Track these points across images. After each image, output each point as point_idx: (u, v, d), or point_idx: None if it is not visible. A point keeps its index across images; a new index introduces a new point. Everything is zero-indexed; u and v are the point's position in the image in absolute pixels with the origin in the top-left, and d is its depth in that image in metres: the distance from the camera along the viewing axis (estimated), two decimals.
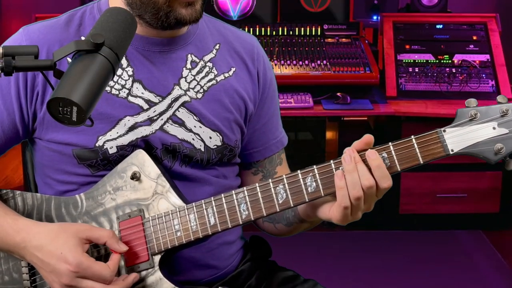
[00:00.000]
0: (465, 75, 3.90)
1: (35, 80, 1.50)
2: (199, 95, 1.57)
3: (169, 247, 1.46)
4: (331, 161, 1.37)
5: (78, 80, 1.13)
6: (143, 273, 1.47)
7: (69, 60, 1.51)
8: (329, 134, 4.27)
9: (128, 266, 1.47)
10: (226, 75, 1.61)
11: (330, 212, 1.39)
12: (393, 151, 1.33)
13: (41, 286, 1.51)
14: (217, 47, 1.62)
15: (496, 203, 3.95)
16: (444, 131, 1.32)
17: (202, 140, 1.56)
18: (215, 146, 1.57)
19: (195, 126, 1.55)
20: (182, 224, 1.45)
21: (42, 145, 1.56)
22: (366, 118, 4.11)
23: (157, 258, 1.47)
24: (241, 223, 1.43)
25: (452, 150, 1.32)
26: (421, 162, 1.32)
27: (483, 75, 3.90)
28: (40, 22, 1.57)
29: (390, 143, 1.34)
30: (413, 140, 1.33)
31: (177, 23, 1.48)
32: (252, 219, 1.42)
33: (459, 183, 3.92)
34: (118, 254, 1.43)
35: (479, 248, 3.88)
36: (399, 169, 1.34)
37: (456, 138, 1.31)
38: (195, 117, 1.55)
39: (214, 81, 1.59)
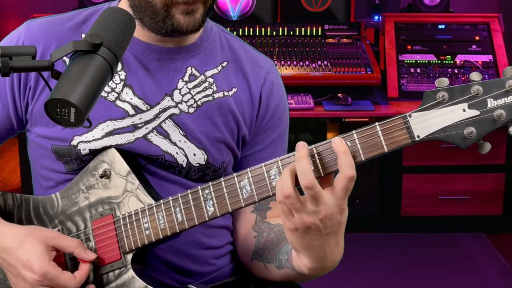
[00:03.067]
0: (467, 75, 3.87)
1: (28, 74, 1.51)
2: (191, 110, 1.53)
3: (139, 245, 1.44)
4: (294, 153, 1.27)
5: (76, 81, 1.11)
6: (116, 272, 1.46)
7: (65, 58, 1.50)
8: (330, 136, 4.23)
9: (101, 265, 1.46)
10: (226, 93, 1.56)
11: (295, 257, 1.35)
12: (356, 140, 1.23)
13: None
14: (224, 64, 1.58)
15: (499, 205, 3.94)
16: (410, 116, 1.20)
17: (186, 156, 1.52)
18: (198, 164, 1.53)
19: (179, 140, 1.52)
20: (151, 222, 1.43)
21: (31, 139, 1.57)
22: (367, 119, 4.08)
23: (129, 257, 1.45)
24: (207, 219, 1.38)
25: (418, 137, 1.20)
26: (386, 151, 1.22)
27: (486, 76, 3.87)
28: (44, 17, 1.56)
29: (353, 131, 1.24)
30: (377, 127, 1.22)
31: (174, 31, 1.44)
32: (218, 215, 1.36)
33: (461, 185, 3.91)
34: (87, 264, 1.43)
35: (481, 250, 3.86)
36: (363, 159, 1.23)
37: (423, 124, 1.20)
38: (181, 131, 1.52)
39: (210, 98, 1.54)
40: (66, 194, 1.52)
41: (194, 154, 1.52)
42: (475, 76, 1.20)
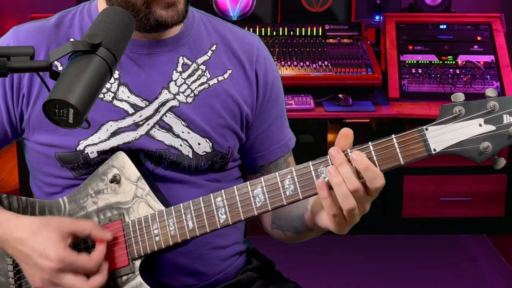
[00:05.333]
0: (469, 76, 3.85)
1: (20, 82, 1.51)
2: (189, 99, 1.53)
3: (148, 252, 1.44)
4: (310, 163, 1.31)
5: (74, 81, 1.11)
6: (124, 278, 1.46)
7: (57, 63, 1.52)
8: (330, 137, 4.23)
9: (109, 271, 1.45)
10: (220, 78, 1.56)
11: (325, 221, 1.34)
12: (373, 152, 1.25)
13: None
14: (213, 48, 1.58)
15: (501, 206, 3.92)
16: (427, 129, 1.23)
17: (190, 146, 1.52)
18: (204, 153, 1.54)
19: (183, 132, 1.52)
20: (161, 229, 1.43)
21: (30, 147, 1.56)
22: (368, 120, 4.07)
23: (137, 263, 1.45)
24: (219, 227, 1.39)
25: (435, 150, 1.23)
26: (402, 163, 1.24)
27: (488, 76, 3.84)
28: (30, 22, 1.57)
29: (370, 143, 1.26)
30: (394, 139, 1.25)
31: (159, 26, 1.45)
32: (231, 223, 1.38)
33: (463, 187, 3.89)
34: (103, 244, 1.41)
35: (483, 252, 3.85)
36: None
37: (439, 137, 1.23)
38: (183, 122, 1.52)
39: (206, 85, 1.55)
40: (74, 198, 1.51)
41: (199, 144, 1.53)
42: (490, 92, 1.22)
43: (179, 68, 1.54)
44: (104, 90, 1.50)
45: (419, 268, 3.65)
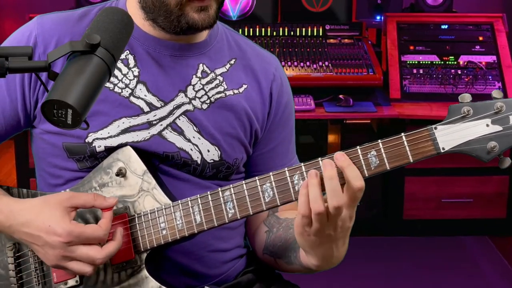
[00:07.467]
0: (471, 76, 3.84)
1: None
2: (205, 106, 1.54)
3: (155, 245, 1.45)
4: (319, 159, 1.33)
5: (73, 82, 1.10)
6: (129, 271, 1.46)
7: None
8: (331, 138, 4.21)
9: (113, 264, 1.46)
10: (236, 91, 1.57)
11: (311, 258, 1.38)
12: (382, 149, 1.29)
13: (28, 282, 1.51)
14: (232, 61, 1.60)
15: (503, 208, 3.91)
16: (436, 128, 1.28)
17: (200, 152, 1.53)
18: (212, 161, 1.54)
19: (193, 137, 1.53)
20: (168, 222, 1.44)
21: (38, 136, 1.55)
22: (369, 121, 4.05)
23: (143, 256, 1.46)
24: (227, 221, 1.41)
25: (443, 149, 1.27)
26: (411, 161, 1.27)
27: (490, 77, 3.83)
28: (55, 12, 1.58)
29: (379, 140, 1.30)
30: (403, 137, 1.28)
31: (189, 28, 1.46)
32: (239, 217, 1.40)
33: (465, 188, 3.88)
34: (110, 211, 1.41)
35: (485, 254, 3.85)
36: (388, 168, 1.29)
37: (448, 136, 1.27)
38: (195, 127, 1.53)
39: (222, 94, 1.56)
40: (77, 191, 1.51)
41: (208, 151, 1.53)
42: (496, 94, 1.27)
43: (199, 74, 1.55)
44: (122, 85, 1.51)
45: (420, 269, 3.65)
